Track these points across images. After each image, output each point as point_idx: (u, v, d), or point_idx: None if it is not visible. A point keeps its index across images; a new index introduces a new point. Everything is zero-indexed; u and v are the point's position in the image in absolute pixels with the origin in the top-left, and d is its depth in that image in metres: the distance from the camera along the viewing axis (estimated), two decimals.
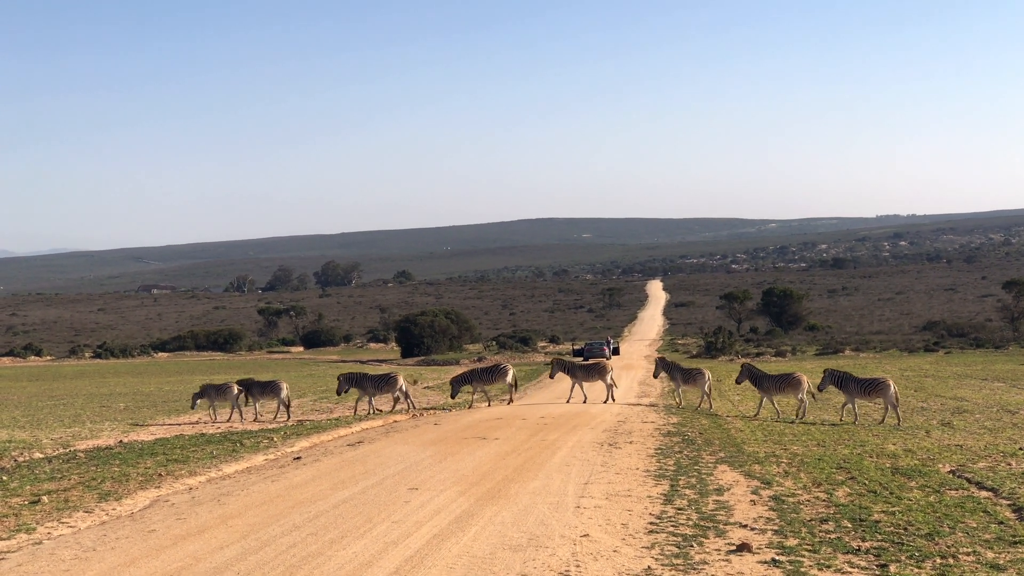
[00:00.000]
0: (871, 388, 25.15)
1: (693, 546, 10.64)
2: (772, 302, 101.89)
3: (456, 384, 31.37)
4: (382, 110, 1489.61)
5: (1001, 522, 11.76)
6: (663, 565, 9.91)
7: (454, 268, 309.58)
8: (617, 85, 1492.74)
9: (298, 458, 18.18)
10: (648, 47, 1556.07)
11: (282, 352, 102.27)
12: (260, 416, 29.06)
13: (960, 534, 11.11)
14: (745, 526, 11.62)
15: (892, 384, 25.22)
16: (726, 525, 11.68)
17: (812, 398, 27.08)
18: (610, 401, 30.33)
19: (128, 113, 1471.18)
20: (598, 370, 31.63)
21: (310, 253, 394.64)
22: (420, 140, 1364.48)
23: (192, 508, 13.32)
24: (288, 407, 28.93)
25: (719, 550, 10.49)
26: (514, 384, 31.54)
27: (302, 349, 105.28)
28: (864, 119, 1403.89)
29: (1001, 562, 9.96)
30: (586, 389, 31.73)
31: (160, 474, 16.23)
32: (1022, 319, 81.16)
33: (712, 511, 12.49)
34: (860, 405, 26.28)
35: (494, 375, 31.21)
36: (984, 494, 13.64)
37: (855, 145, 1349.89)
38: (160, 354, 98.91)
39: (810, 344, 79.08)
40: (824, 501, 13.10)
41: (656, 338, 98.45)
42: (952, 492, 13.79)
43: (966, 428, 22.84)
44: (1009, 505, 12.85)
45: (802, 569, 9.74)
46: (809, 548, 10.51)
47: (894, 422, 24.49)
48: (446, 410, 28.93)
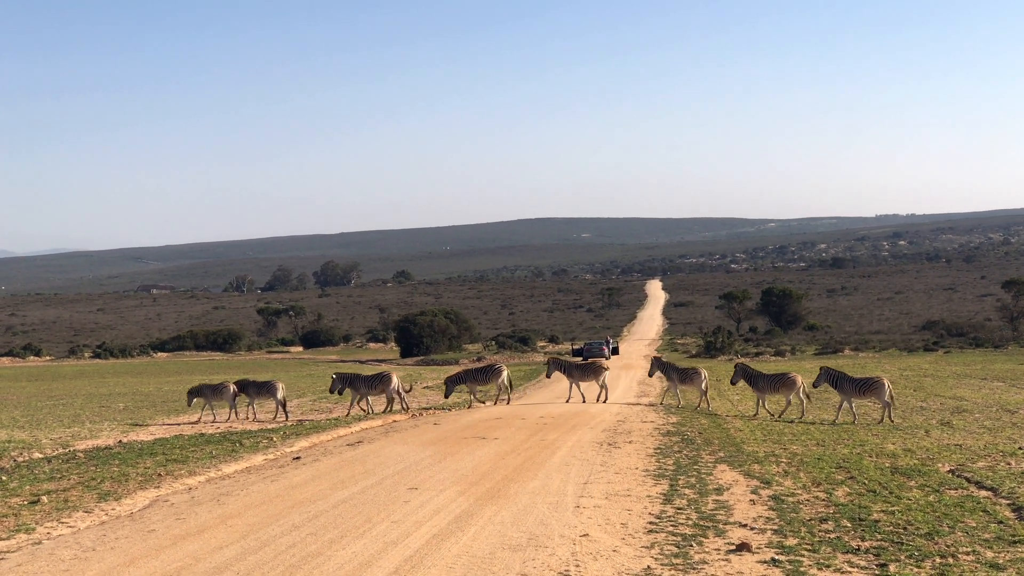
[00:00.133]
0: (866, 387, 25.21)
1: (692, 546, 10.65)
2: (771, 302, 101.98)
3: (450, 384, 31.34)
4: (381, 110, 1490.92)
5: (1000, 521, 11.76)
6: (663, 565, 9.91)
7: (453, 268, 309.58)
8: (616, 85, 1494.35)
9: (297, 458, 18.18)
10: (647, 47, 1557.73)
11: (281, 352, 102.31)
12: (258, 416, 29.06)
13: (960, 533, 11.12)
14: (745, 526, 11.62)
15: (887, 383, 25.28)
16: (726, 525, 11.68)
17: (807, 398, 27.10)
18: (603, 401, 30.37)
19: (127, 113, 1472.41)
20: (594, 370, 31.70)
21: (309, 253, 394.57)
22: (419, 140, 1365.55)
23: (191, 508, 13.32)
24: (284, 407, 28.90)
25: (719, 550, 10.49)
26: (509, 385, 31.47)
27: (301, 349, 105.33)
28: (863, 119, 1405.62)
29: (1000, 561, 9.97)
30: (583, 389, 31.74)
31: (159, 474, 16.23)
32: (1021, 318, 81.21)
33: (712, 511, 12.49)
34: (860, 405, 26.30)
35: (488, 375, 31.17)
36: (983, 493, 13.65)
37: (854, 145, 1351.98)
38: (159, 354, 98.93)
39: (809, 344, 79.14)
40: (824, 501, 13.10)
41: (655, 338, 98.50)
42: (951, 491, 13.80)
43: (965, 428, 22.85)
44: (1008, 504, 12.86)
45: (802, 569, 9.75)
46: (809, 548, 10.52)
47: (877, 419, 24.68)
48: (446, 410, 28.93)
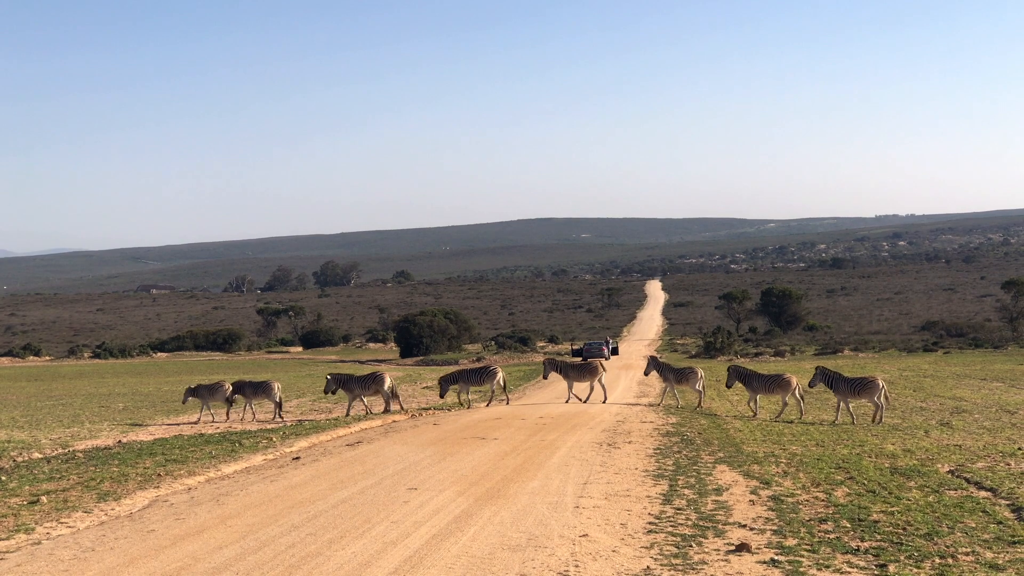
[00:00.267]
0: (861, 387, 25.27)
1: (692, 546, 10.64)
2: (771, 302, 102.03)
3: (444, 383, 31.29)
4: (381, 110, 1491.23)
5: (1000, 522, 11.76)
6: (662, 565, 9.90)
7: (453, 268, 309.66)
8: (616, 85, 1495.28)
9: (297, 458, 18.17)
10: (647, 47, 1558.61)
11: (281, 352, 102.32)
12: (258, 417, 29.07)
13: (959, 534, 11.11)
14: (744, 526, 11.61)
15: (881, 383, 25.33)
16: (725, 525, 11.67)
17: (801, 399, 27.10)
18: (603, 401, 30.38)
19: (127, 113, 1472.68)
20: (590, 370, 31.71)
21: (309, 253, 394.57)
22: (419, 140, 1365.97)
23: (191, 508, 13.32)
24: (280, 407, 28.98)
25: (718, 550, 10.49)
26: (504, 386, 31.36)
27: (301, 349, 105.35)
28: (863, 119, 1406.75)
29: (1000, 562, 9.96)
30: (579, 389, 31.69)
31: (159, 474, 16.22)
32: (1021, 319, 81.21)
33: (711, 511, 12.49)
34: (859, 406, 26.31)
35: (483, 376, 31.05)
36: (983, 494, 13.65)
37: (854, 145, 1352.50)
38: (159, 354, 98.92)
39: (809, 344, 79.18)
40: (823, 501, 13.10)
41: (655, 338, 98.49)
42: (951, 492, 13.80)
43: (965, 428, 22.85)
44: (1008, 505, 12.86)
45: (801, 569, 9.74)
46: (808, 548, 10.51)
47: (879, 420, 24.68)
48: (445, 410, 28.92)
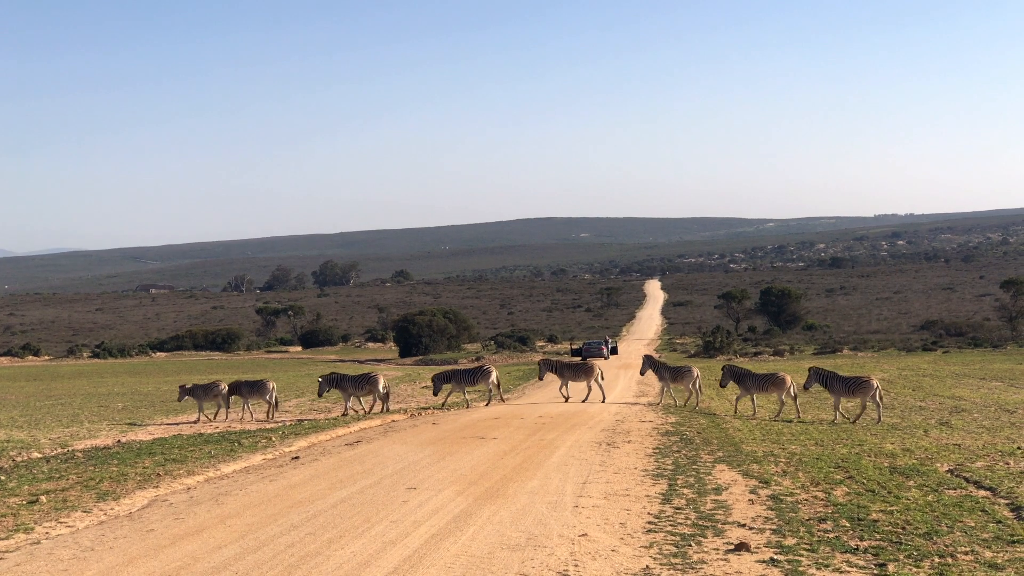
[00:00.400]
0: (855, 386, 25.32)
1: (691, 545, 10.64)
2: (770, 301, 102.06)
3: (438, 381, 31.29)
4: (380, 110, 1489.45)
5: (999, 521, 11.76)
6: (661, 564, 9.90)
7: (452, 268, 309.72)
8: (615, 84, 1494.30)
9: (296, 458, 18.18)
10: (646, 46, 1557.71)
11: (280, 352, 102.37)
12: (255, 416, 29.11)
13: (958, 533, 11.11)
14: (743, 525, 11.61)
15: (876, 382, 25.39)
16: (724, 524, 11.67)
17: (795, 398, 27.11)
18: (592, 400, 30.41)
19: (126, 113, 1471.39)
20: (585, 370, 31.69)
21: (308, 253, 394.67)
22: (418, 140, 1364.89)
23: (190, 508, 13.31)
24: (275, 406, 29.15)
25: (717, 549, 10.49)
26: (498, 386, 31.19)
27: (300, 349, 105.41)
28: (862, 118, 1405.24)
29: (999, 561, 9.96)
30: (574, 389, 31.65)
31: (158, 474, 16.22)
32: (1020, 318, 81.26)
33: (710, 510, 12.49)
34: (858, 406, 26.31)
35: (477, 376, 30.98)
36: (982, 493, 13.65)
37: (853, 144, 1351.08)
38: (158, 354, 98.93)
39: (808, 343, 79.20)
40: (822, 500, 13.10)
41: (654, 337, 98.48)
42: (950, 491, 13.80)
43: (964, 427, 22.86)
44: (1007, 504, 12.86)
45: (800, 568, 9.74)
46: (807, 547, 10.51)
47: (875, 419, 24.80)
48: (445, 409, 28.92)
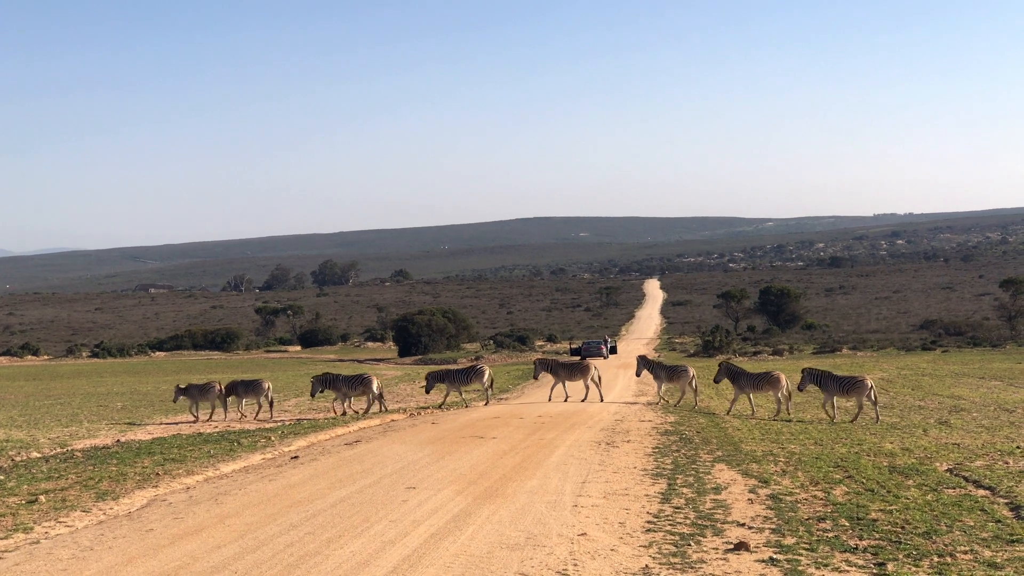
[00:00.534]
0: (849, 386, 25.35)
1: (691, 545, 10.64)
2: (769, 301, 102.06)
3: (431, 379, 31.26)
4: (379, 109, 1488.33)
5: (998, 520, 11.77)
6: (661, 564, 9.90)
7: (451, 267, 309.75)
8: (614, 84, 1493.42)
9: (295, 457, 18.18)
10: (645, 46, 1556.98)
11: (279, 351, 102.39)
12: (256, 415, 29.14)
13: (958, 532, 11.12)
14: (743, 525, 11.61)
15: (870, 382, 25.42)
16: (724, 524, 11.67)
17: (789, 397, 27.11)
18: (591, 400, 30.40)
19: (125, 112, 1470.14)
20: (581, 370, 31.66)
21: (307, 252, 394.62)
22: (417, 139, 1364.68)
23: (189, 507, 13.31)
24: (271, 406, 29.28)
25: (717, 549, 10.49)
26: (491, 386, 31.03)
27: (299, 348, 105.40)
28: (861, 118, 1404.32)
29: (999, 560, 9.96)
30: (569, 388, 31.67)
31: (157, 473, 16.22)
32: (1019, 317, 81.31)
33: (710, 510, 12.49)
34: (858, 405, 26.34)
35: (470, 376, 30.87)
36: (981, 492, 13.66)
37: (852, 144, 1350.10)
38: (157, 353, 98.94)
39: (807, 343, 79.20)
40: (822, 500, 13.10)
41: (654, 337, 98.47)
42: (949, 491, 13.80)
43: (963, 427, 22.88)
44: (1006, 503, 12.86)
45: (800, 568, 9.74)
46: (807, 547, 10.51)
47: (872, 418, 24.84)
48: (444, 409, 28.92)
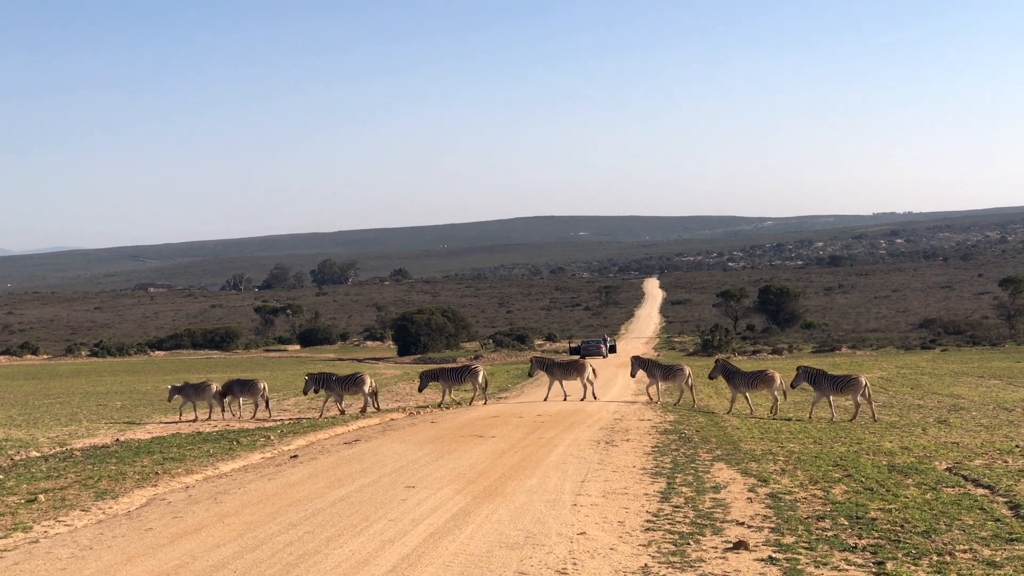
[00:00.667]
0: (843, 385, 25.39)
1: (690, 544, 10.64)
2: (768, 300, 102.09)
3: (424, 378, 31.30)
4: (379, 108, 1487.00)
5: (998, 519, 11.77)
6: (660, 563, 9.90)
7: (451, 266, 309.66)
8: (614, 83, 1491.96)
9: (295, 456, 18.18)
10: (645, 45, 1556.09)
11: (279, 350, 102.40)
12: (255, 415, 29.16)
13: (957, 531, 11.12)
14: (742, 524, 11.61)
15: (864, 380, 25.47)
16: (723, 523, 11.67)
17: (783, 396, 27.12)
18: (585, 399, 30.42)
19: (125, 111, 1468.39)
20: (576, 368, 31.67)
21: (307, 251, 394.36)
22: (417, 138, 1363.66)
23: (189, 506, 13.31)
24: (266, 405, 29.36)
25: (716, 548, 10.49)
26: (485, 386, 30.98)
27: (299, 347, 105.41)
28: (861, 117, 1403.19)
29: (998, 559, 9.96)
30: (565, 387, 31.70)
31: (157, 472, 16.22)
32: (1018, 316, 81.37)
33: (709, 509, 12.49)
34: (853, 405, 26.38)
35: (464, 376, 30.87)
36: (981, 491, 13.67)
37: (852, 143, 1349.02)
38: (157, 352, 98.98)
39: (807, 342, 79.20)
40: (821, 499, 13.10)
41: (653, 336, 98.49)
42: (949, 489, 13.81)
43: (962, 425, 22.89)
44: (1006, 502, 12.87)
45: (799, 567, 9.74)
46: (806, 546, 10.51)
47: (869, 416, 24.88)
48: (443, 408, 28.93)
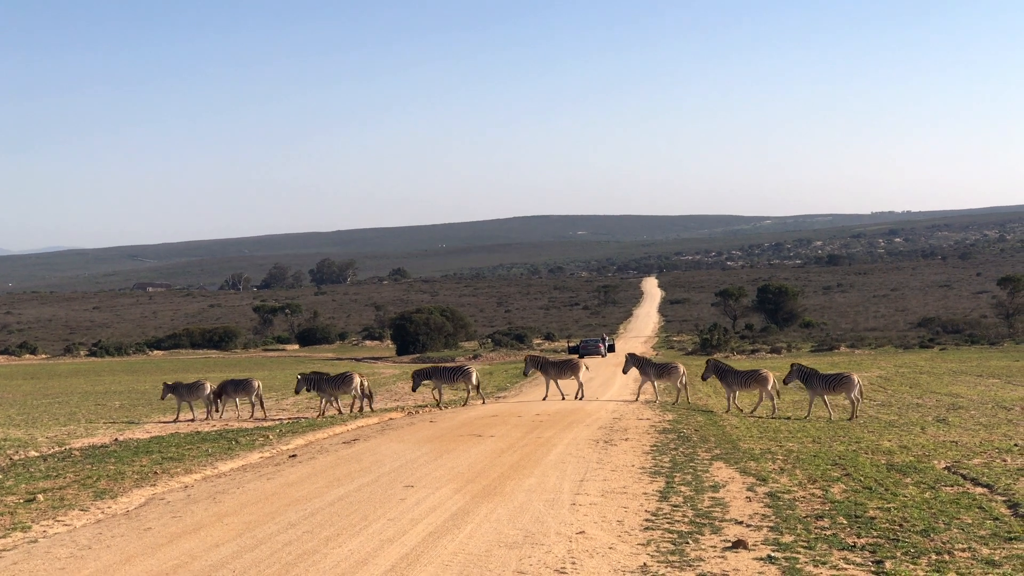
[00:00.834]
0: (836, 383, 25.41)
1: (689, 543, 10.64)
2: (767, 299, 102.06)
3: (417, 377, 31.30)
4: (378, 108, 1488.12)
5: (996, 518, 11.77)
6: (659, 562, 9.90)
7: (449, 265, 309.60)
8: (613, 83, 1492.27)
9: (294, 456, 18.18)
10: (644, 45, 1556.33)
11: (277, 350, 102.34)
12: (253, 414, 29.17)
13: (955, 530, 11.12)
14: (741, 523, 11.62)
15: (856, 379, 25.50)
16: (722, 522, 11.68)
17: (777, 395, 27.15)
18: (589, 398, 30.44)
19: (124, 111, 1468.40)
20: (571, 367, 31.69)
21: (305, 251, 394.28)
22: (416, 138, 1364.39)
23: (188, 506, 13.31)
24: (262, 404, 29.42)
25: (715, 547, 10.49)
26: (478, 386, 30.92)
27: (297, 347, 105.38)
28: (859, 116, 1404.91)
29: (996, 558, 9.97)
30: (560, 386, 31.72)
31: (156, 472, 16.22)
32: (1017, 315, 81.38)
33: (708, 508, 12.49)
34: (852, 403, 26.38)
35: (456, 376, 30.82)
36: (979, 490, 13.67)
37: (850, 142, 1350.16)
38: (156, 352, 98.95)
39: (805, 341, 79.16)
40: (820, 498, 13.10)
41: (652, 335, 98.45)
42: (947, 488, 13.81)
43: (961, 424, 22.90)
44: (1004, 501, 12.87)
45: (798, 566, 9.74)
46: (805, 545, 10.51)
47: (850, 416, 24.86)
48: (441, 407, 28.94)
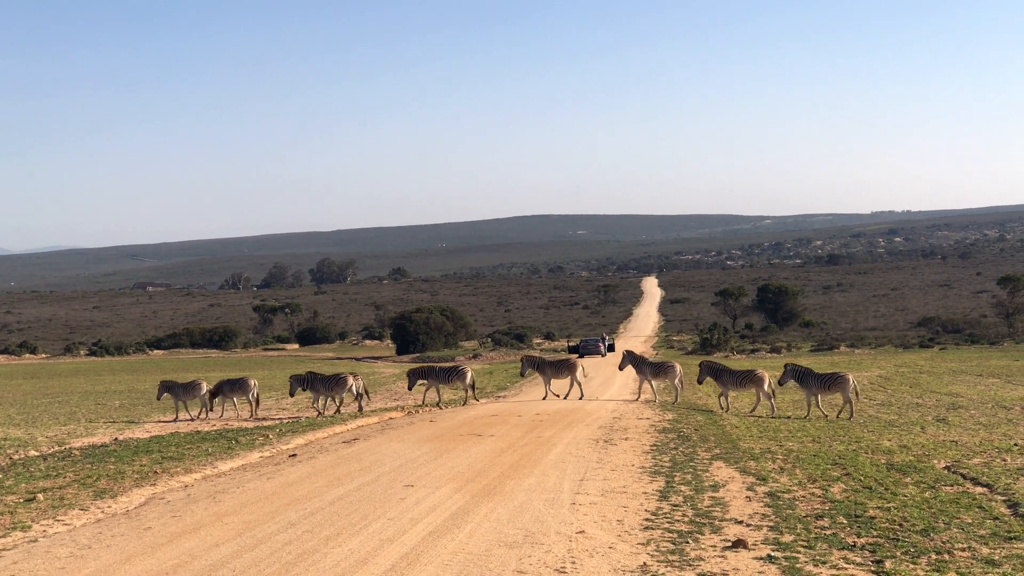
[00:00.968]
0: (831, 382, 25.40)
1: (689, 542, 10.65)
2: (767, 298, 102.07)
3: (413, 376, 31.32)
4: (378, 107, 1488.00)
5: (996, 518, 11.78)
6: (659, 561, 9.91)
7: (449, 265, 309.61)
8: (613, 82, 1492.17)
9: (294, 455, 18.19)
10: (644, 44, 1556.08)
11: (277, 349, 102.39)
12: (253, 414, 29.15)
13: (955, 530, 11.13)
14: (741, 522, 11.62)
15: (851, 378, 25.47)
16: (722, 521, 11.68)
17: (772, 395, 27.15)
18: (588, 397, 30.40)
19: (123, 111, 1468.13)
20: (567, 367, 31.67)
21: (305, 250, 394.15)
22: (416, 137, 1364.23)
23: (187, 505, 13.31)
24: (257, 404, 29.45)
25: (715, 546, 10.50)
26: (472, 385, 30.93)
27: (297, 346, 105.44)
28: (859, 116, 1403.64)
29: (996, 558, 9.97)
30: (555, 386, 31.69)
31: (155, 472, 16.22)
32: (1017, 315, 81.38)
33: (708, 507, 12.50)
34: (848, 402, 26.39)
35: (452, 376, 30.88)
36: (979, 490, 13.68)
37: (850, 142, 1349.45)
38: (155, 352, 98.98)
39: (805, 340, 79.16)
40: (819, 497, 13.11)
41: (651, 334, 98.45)
42: (947, 488, 13.82)
43: (961, 424, 22.90)
44: (1004, 501, 12.88)
45: (797, 565, 9.75)
46: (804, 544, 10.52)
47: (848, 415, 24.87)
48: (441, 407, 28.94)
